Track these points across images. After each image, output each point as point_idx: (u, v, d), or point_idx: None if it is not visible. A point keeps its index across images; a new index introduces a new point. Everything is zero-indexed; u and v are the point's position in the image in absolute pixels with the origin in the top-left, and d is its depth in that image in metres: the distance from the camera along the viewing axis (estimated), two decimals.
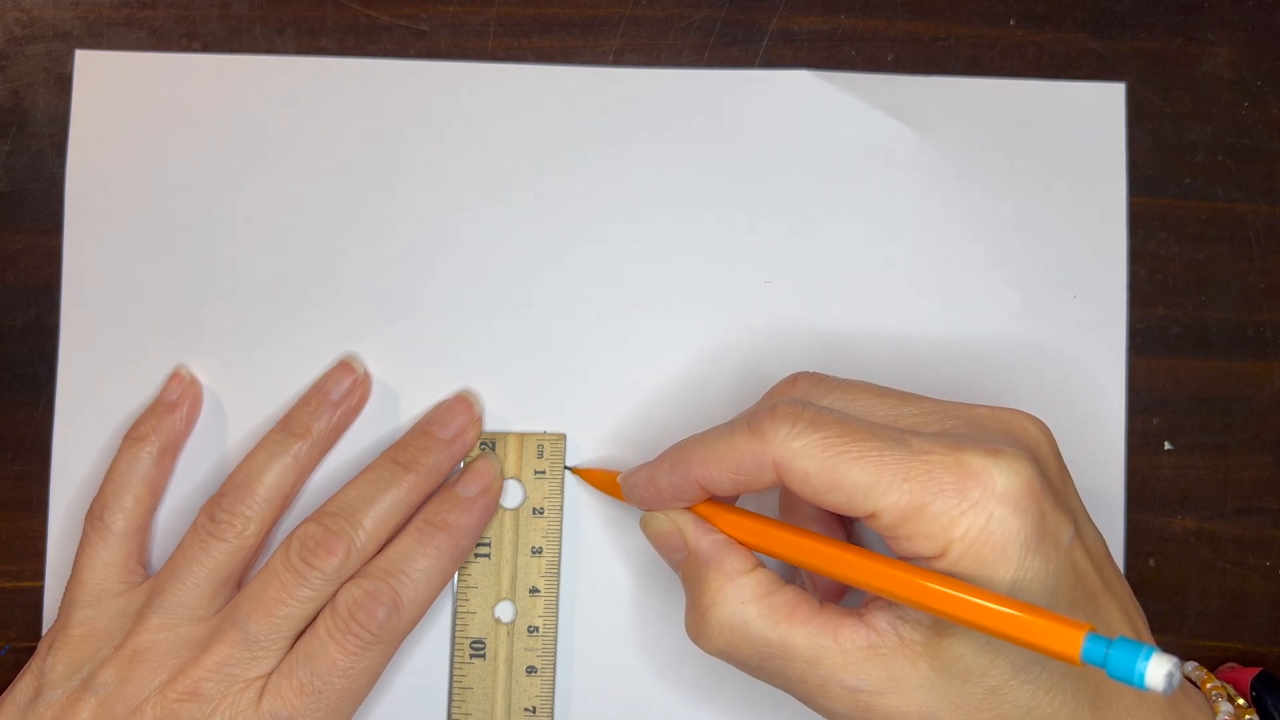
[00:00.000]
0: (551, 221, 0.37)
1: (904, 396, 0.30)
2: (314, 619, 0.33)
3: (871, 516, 0.27)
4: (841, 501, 0.27)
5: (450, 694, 0.36)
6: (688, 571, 0.30)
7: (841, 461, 0.27)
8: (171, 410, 0.36)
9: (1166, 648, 0.37)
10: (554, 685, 0.36)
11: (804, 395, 0.30)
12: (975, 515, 0.26)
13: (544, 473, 0.36)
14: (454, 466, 0.35)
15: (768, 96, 0.37)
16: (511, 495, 0.36)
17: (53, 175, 0.37)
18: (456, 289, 0.37)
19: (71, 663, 0.33)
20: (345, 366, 0.36)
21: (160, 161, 0.37)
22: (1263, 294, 0.38)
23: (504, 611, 0.36)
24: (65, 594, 0.34)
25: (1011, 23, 0.38)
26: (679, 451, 0.30)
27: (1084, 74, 0.38)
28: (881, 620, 0.27)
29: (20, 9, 0.38)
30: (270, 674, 0.32)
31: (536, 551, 0.36)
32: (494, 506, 0.35)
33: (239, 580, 0.35)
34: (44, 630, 0.36)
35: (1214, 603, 0.37)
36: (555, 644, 0.36)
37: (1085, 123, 0.37)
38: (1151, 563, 0.37)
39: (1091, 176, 0.37)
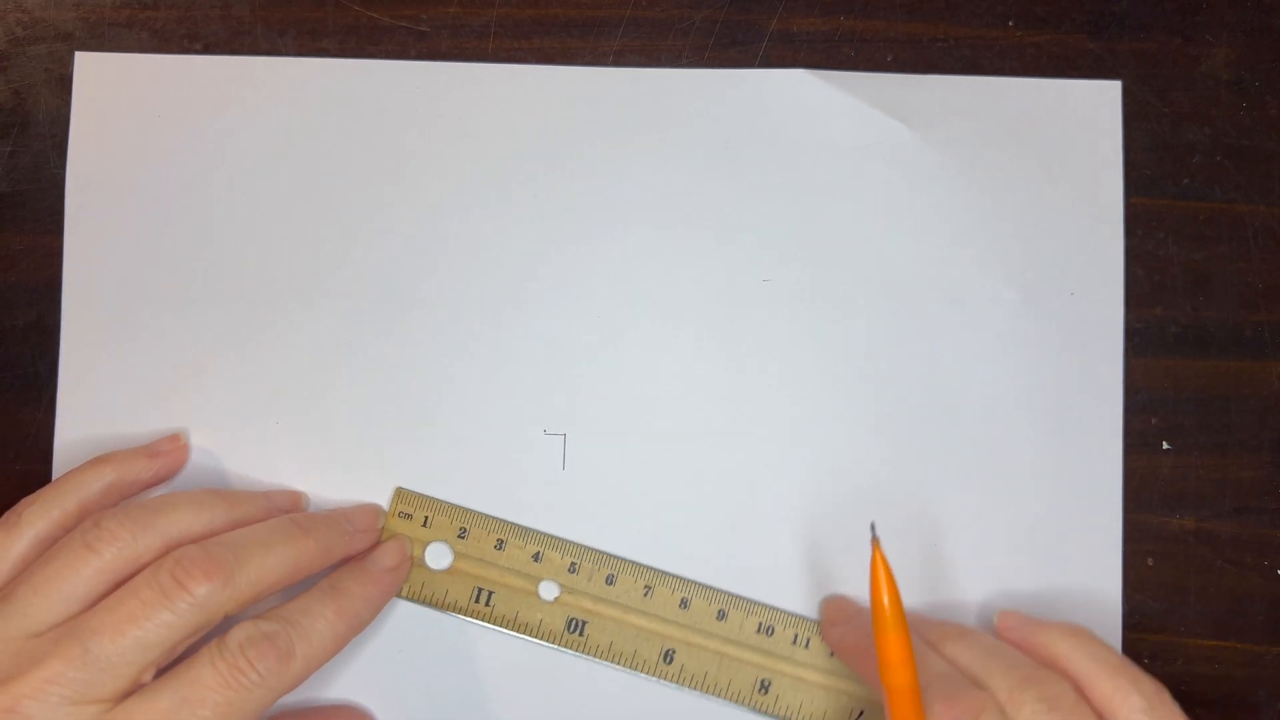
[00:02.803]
0: (551, 221, 0.37)
1: None
2: (188, 654, 0.30)
3: None
4: None
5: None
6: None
7: None
8: (150, 458, 0.35)
9: (1166, 648, 0.37)
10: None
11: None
12: None
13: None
14: (348, 554, 0.35)
15: (767, 97, 0.38)
16: (441, 557, 0.36)
17: (54, 176, 0.37)
18: (456, 288, 0.37)
19: None
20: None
21: (160, 162, 0.37)
22: (1261, 294, 0.38)
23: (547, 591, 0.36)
24: None
25: (1010, 24, 0.38)
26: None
27: (1082, 74, 0.38)
28: None
29: (22, 10, 0.38)
30: (116, 702, 0.29)
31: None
32: (399, 585, 0.35)
33: None
34: None
35: (1213, 602, 0.37)
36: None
37: (1082, 120, 0.38)
38: (1150, 562, 0.37)
39: (1089, 174, 0.37)
